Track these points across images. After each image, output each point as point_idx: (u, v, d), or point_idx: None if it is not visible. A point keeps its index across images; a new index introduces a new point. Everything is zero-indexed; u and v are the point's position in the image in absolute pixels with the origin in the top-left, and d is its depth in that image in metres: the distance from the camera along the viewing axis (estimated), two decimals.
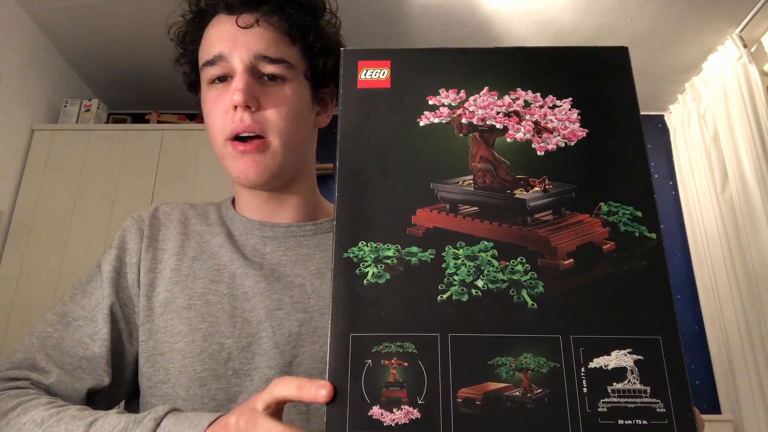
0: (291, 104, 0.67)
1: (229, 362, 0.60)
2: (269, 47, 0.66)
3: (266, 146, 0.65)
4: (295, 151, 0.68)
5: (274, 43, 0.66)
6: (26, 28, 2.25)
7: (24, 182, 2.23)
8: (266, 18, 0.66)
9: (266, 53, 0.65)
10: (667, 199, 2.74)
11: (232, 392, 0.60)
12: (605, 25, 2.25)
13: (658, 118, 2.87)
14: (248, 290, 0.65)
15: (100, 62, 2.53)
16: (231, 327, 0.62)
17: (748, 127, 2.21)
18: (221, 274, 0.66)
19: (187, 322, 0.62)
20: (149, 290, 0.66)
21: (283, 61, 0.66)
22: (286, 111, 0.66)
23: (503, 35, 2.32)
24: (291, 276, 0.67)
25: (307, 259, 0.69)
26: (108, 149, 2.30)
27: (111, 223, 2.17)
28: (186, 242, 0.70)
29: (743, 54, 2.26)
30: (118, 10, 2.18)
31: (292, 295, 0.65)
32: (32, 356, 0.62)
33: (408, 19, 2.22)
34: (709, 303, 2.43)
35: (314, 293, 0.66)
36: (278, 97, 0.66)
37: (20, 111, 2.25)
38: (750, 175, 2.19)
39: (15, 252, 2.13)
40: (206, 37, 0.69)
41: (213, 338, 0.61)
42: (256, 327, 0.62)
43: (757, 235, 2.15)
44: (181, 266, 0.67)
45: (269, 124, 0.65)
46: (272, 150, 0.66)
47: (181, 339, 0.62)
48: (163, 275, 0.67)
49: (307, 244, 0.70)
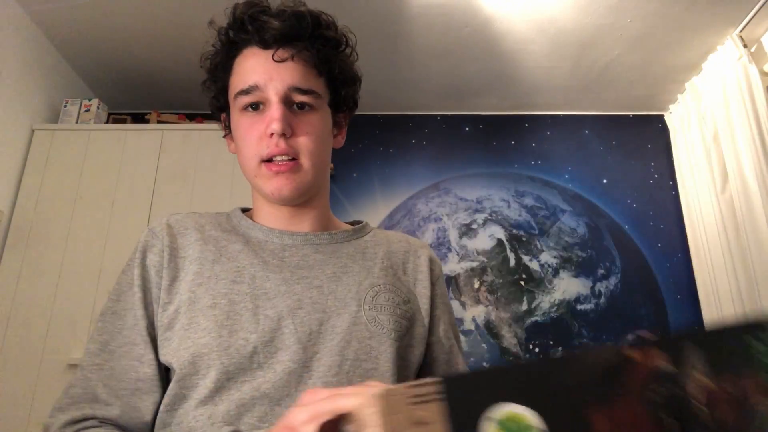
0: (318, 130, 0.75)
1: (254, 356, 0.64)
2: (301, 80, 0.73)
3: (299, 167, 0.73)
4: (321, 170, 0.76)
5: (305, 75, 0.74)
6: (26, 28, 2.25)
7: (24, 182, 2.23)
8: (298, 53, 0.73)
9: (299, 85, 0.73)
10: (667, 199, 2.74)
11: (256, 383, 0.63)
12: (605, 25, 2.25)
13: (658, 118, 2.87)
14: (269, 291, 0.70)
15: (100, 62, 2.53)
16: (254, 324, 0.66)
17: (748, 127, 2.21)
18: (242, 275, 0.71)
19: (213, 319, 0.66)
20: (173, 297, 0.70)
21: (313, 92, 0.74)
22: (315, 136, 0.74)
23: (503, 35, 2.32)
24: (309, 278, 0.72)
25: (324, 264, 0.74)
26: (108, 149, 2.30)
27: (111, 223, 2.17)
28: (204, 246, 0.74)
29: (743, 54, 2.26)
30: (118, 10, 2.18)
31: (311, 296, 0.70)
32: (91, 390, 0.66)
33: (408, 19, 2.22)
34: (709, 303, 2.43)
35: (331, 294, 0.71)
36: (308, 124, 0.74)
37: (20, 111, 2.25)
38: (750, 175, 2.19)
39: (15, 252, 2.13)
40: (240, 68, 0.75)
41: (239, 334, 0.65)
42: (278, 323, 0.67)
43: (757, 235, 2.15)
44: (203, 269, 0.71)
45: (301, 148, 0.73)
46: (304, 170, 0.73)
47: (207, 334, 0.65)
48: (186, 280, 0.71)
49: (323, 251, 0.76)
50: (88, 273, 2.08)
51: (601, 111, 2.89)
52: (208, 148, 2.32)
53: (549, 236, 2.69)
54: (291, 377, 0.63)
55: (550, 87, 2.69)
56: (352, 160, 2.82)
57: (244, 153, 0.74)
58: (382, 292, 0.74)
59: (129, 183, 2.25)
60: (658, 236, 2.67)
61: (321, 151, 0.76)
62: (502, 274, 2.62)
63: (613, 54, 2.44)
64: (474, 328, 2.54)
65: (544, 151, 2.84)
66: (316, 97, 0.74)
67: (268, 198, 0.75)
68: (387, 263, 0.79)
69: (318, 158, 0.74)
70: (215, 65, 0.78)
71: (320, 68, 0.75)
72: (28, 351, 1.99)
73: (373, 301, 0.72)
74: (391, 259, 0.80)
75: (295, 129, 0.72)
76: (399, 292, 0.76)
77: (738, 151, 2.26)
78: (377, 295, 0.73)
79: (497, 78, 2.63)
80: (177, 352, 0.66)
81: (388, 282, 0.76)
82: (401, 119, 2.91)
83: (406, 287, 0.78)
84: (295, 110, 0.73)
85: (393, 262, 0.80)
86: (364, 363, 0.67)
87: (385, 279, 0.76)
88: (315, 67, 0.75)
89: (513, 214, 2.73)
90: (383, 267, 0.78)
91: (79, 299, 2.06)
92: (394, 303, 0.74)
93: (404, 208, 2.74)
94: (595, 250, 2.66)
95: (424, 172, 2.81)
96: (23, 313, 2.04)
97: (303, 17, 0.74)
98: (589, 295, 2.59)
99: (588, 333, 2.53)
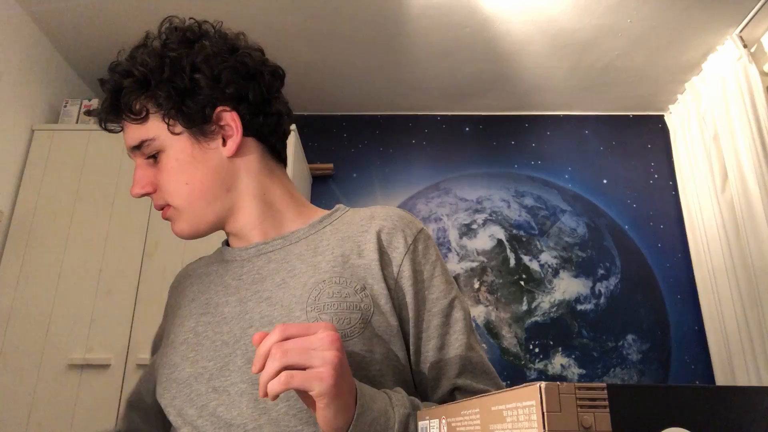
0: (174, 168, 0.71)
1: (210, 381, 0.67)
2: (129, 138, 0.72)
3: (175, 212, 0.73)
4: (206, 197, 0.73)
5: (130, 132, 0.72)
6: (26, 28, 2.25)
7: (24, 182, 2.23)
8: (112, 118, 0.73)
9: (131, 144, 0.72)
10: (667, 199, 2.74)
11: (211, 407, 0.65)
12: (605, 25, 2.25)
13: (658, 118, 2.87)
14: (227, 315, 0.71)
15: (100, 62, 2.53)
16: (212, 351, 0.69)
17: (748, 127, 2.21)
18: (208, 306, 0.74)
19: (181, 355, 0.70)
20: (164, 341, 0.78)
21: (144, 141, 0.71)
22: (175, 177, 0.72)
23: (503, 35, 2.32)
24: (260, 291, 0.71)
25: (275, 272, 0.72)
26: (108, 149, 2.30)
27: (111, 223, 2.17)
28: (191, 288, 0.79)
29: (743, 54, 2.26)
30: (117, 10, 2.18)
31: (261, 310, 0.69)
32: None
33: (408, 19, 2.22)
34: (709, 303, 2.43)
35: (278, 304, 0.69)
36: (162, 169, 0.72)
37: (20, 111, 2.25)
38: (750, 175, 2.19)
39: (15, 252, 2.13)
40: None
41: (198, 363, 0.68)
42: (233, 347, 0.68)
43: (757, 235, 2.15)
44: (182, 311, 0.76)
45: (168, 195, 0.72)
46: (180, 211, 0.73)
47: (175, 369, 0.70)
48: (170, 323, 0.78)
49: (275, 258, 0.74)
50: (88, 273, 2.08)
51: (601, 111, 2.89)
52: None
53: (549, 236, 2.69)
54: (242, 398, 0.64)
55: (550, 87, 2.69)
56: (352, 160, 2.82)
57: None
58: (327, 287, 0.67)
59: (129, 183, 2.25)
60: (658, 236, 2.67)
61: (191, 183, 0.71)
62: (502, 274, 2.62)
63: (613, 54, 2.44)
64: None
65: (544, 151, 2.84)
66: (151, 141, 0.71)
67: None
68: (338, 251, 0.71)
69: (191, 192, 0.71)
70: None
71: (135, 113, 0.71)
72: (28, 351, 1.99)
73: (316, 302, 0.66)
74: (344, 246, 0.72)
75: (157, 181, 0.73)
76: (349, 282, 0.68)
77: (738, 151, 2.26)
78: (320, 293, 0.67)
79: (497, 78, 2.63)
80: (157, 388, 0.72)
81: (335, 274, 0.68)
82: (401, 119, 2.91)
83: (363, 273, 0.69)
84: (152, 162, 0.73)
85: (346, 247, 0.72)
86: None
87: (332, 271, 0.69)
88: (128, 119, 0.71)
89: (513, 214, 2.73)
90: (332, 257, 0.70)
91: (79, 299, 2.06)
92: (341, 297, 0.67)
93: (404, 208, 2.74)
94: (595, 250, 2.66)
95: (424, 172, 2.81)
96: (23, 313, 2.04)
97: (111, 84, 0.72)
98: (589, 296, 2.59)
99: (588, 333, 2.53)
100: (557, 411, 0.32)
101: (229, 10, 2.15)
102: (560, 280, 2.61)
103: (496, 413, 0.37)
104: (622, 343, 2.51)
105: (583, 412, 0.32)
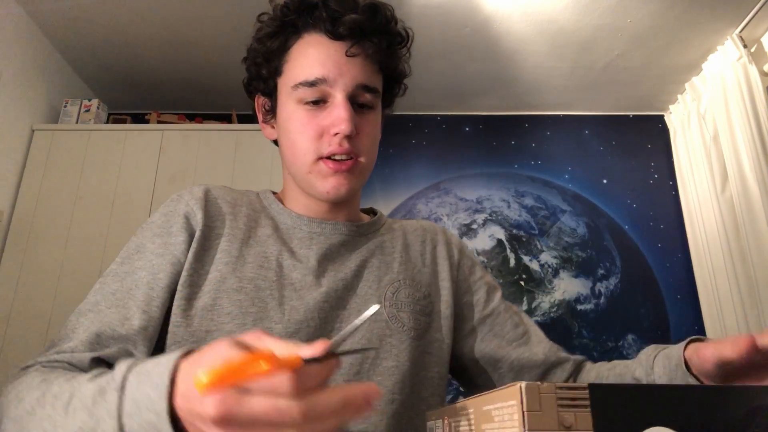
0: (376, 130, 0.75)
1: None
2: (369, 77, 0.70)
3: (357, 167, 0.71)
4: (371, 170, 0.76)
5: (371, 73, 0.71)
6: (26, 28, 2.25)
7: (24, 182, 2.23)
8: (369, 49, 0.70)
9: (367, 83, 0.70)
10: (667, 199, 2.74)
11: None
12: (605, 25, 2.25)
13: (658, 118, 2.87)
14: (296, 282, 0.68)
15: (100, 62, 2.53)
16: (280, 314, 0.65)
17: (748, 127, 2.21)
18: (269, 261, 0.69)
19: (238, 305, 0.64)
20: (199, 266, 0.67)
21: (376, 90, 0.72)
22: (373, 137, 0.74)
23: (503, 35, 2.32)
24: (334, 271, 0.71)
25: (347, 257, 0.73)
26: (108, 149, 2.30)
27: (111, 223, 2.17)
28: (234, 223, 0.71)
29: (743, 54, 2.26)
30: (117, 10, 2.18)
31: (337, 290, 0.69)
32: None
33: (408, 19, 2.21)
34: (709, 303, 2.43)
35: (353, 290, 0.71)
36: (369, 124, 0.72)
37: (20, 111, 2.25)
38: (750, 175, 2.19)
39: (15, 252, 2.13)
40: (303, 56, 0.70)
41: (263, 323, 0.63)
42: (305, 316, 0.65)
43: (757, 235, 2.15)
44: (231, 248, 0.68)
45: (362, 148, 0.71)
46: (360, 170, 0.72)
47: (231, 320, 0.63)
48: (213, 254, 0.68)
49: (348, 244, 0.75)
50: (88, 273, 2.08)
51: (601, 111, 2.89)
52: (208, 148, 2.32)
53: (549, 236, 2.69)
54: None
55: (550, 87, 2.69)
56: None
57: (298, 146, 0.70)
58: (403, 288, 0.73)
59: (129, 183, 2.25)
60: (658, 236, 2.67)
61: (376, 149, 0.76)
62: (502, 274, 2.62)
63: (613, 54, 2.44)
64: None
65: (544, 151, 2.84)
66: (377, 96, 0.72)
67: (321, 196, 0.71)
68: (405, 257, 0.77)
69: (373, 158, 0.75)
70: (271, 38, 0.72)
71: (382, 65, 0.73)
72: (28, 351, 1.99)
73: (393, 298, 0.71)
74: (408, 252, 0.78)
75: (357, 129, 0.69)
76: (419, 287, 0.75)
77: (738, 151, 2.26)
78: (397, 291, 0.73)
79: (497, 78, 2.63)
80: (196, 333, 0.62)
81: (407, 277, 0.75)
82: (401, 119, 2.91)
83: (427, 280, 0.77)
84: (356, 109, 0.70)
85: (411, 255, 0.79)
86: (384, 361, 0.67)
87: (405, 274, 0.75)
88: (378, 64, 0.72)
89: (513, 214, 2.73)
90: (402, 261, 0.76)
91: (79, 299, 2.04)
92: (414, 299, 0.73)
93: (404, 208, 2.74)
94: (595, 250, 2.66)
95: (424, 172, 2.81)
96: (23, 313, 2.04)
97: (377, 11, 0.70)
98: (589, 296, 2.59)
99: (588, 333, 2.53)
100: (537, 410, 0.32)
101: (228, 11, 2.15)
102: (560, 280, 2.61)
103: (487, 413, 0.38)
104: (622, 343, 2.51)
105: (564, 412, 0.32)
